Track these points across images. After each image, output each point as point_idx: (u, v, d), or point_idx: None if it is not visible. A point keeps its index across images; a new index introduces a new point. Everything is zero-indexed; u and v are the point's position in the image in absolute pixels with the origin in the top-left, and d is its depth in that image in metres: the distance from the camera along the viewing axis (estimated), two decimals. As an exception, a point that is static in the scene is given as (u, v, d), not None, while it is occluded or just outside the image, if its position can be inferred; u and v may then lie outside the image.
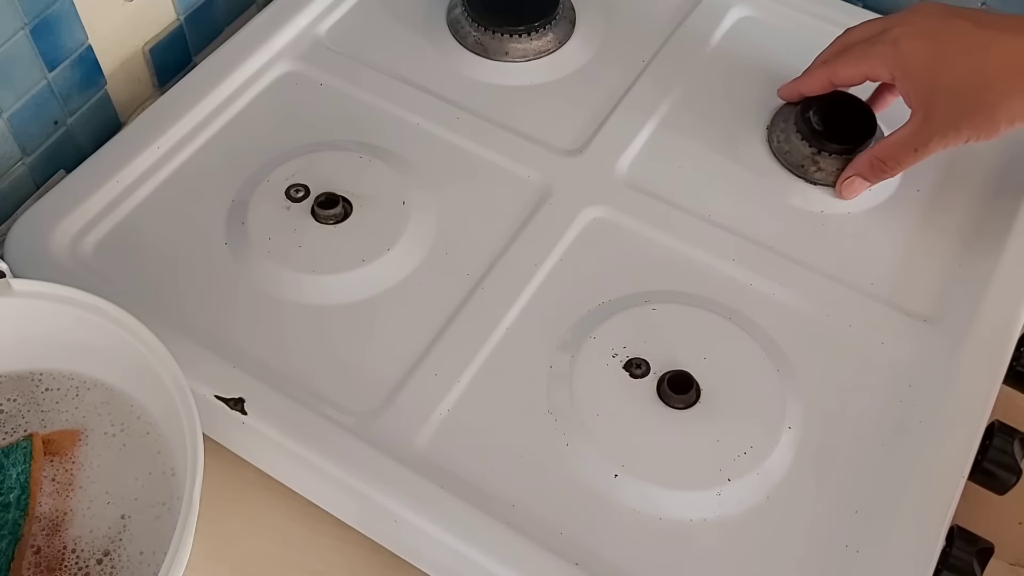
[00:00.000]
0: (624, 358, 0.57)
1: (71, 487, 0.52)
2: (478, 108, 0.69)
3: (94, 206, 0.62)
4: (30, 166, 0.66)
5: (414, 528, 0.51)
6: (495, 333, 0.58)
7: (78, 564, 0.49)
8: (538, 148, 0.67)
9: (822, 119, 0.66)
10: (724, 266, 0.62)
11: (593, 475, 0.53)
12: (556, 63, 0.72)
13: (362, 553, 0.55)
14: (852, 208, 0.65)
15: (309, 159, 0.65)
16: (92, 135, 0.70)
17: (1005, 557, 0.59)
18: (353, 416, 0.55)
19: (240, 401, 0.54)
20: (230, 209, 0.63)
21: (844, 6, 0.76)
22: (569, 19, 0.74)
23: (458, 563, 0.51)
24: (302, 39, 0.72)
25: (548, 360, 0.57)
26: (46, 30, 0.63)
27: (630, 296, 0.60)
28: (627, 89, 0.70)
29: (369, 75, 0.71)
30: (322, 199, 0.62)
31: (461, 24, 0.73)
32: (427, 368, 0.57)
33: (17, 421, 0.54)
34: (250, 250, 0.61)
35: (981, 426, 0.55)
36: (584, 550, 0.51)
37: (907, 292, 0.61)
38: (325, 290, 0.60)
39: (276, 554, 0.56)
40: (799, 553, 0.52)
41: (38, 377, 0.55)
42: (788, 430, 0.55)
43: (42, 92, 0.65)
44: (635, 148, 0.67)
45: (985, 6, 0.73)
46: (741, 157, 0.68)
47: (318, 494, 0.56)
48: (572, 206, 0.64)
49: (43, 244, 0.60)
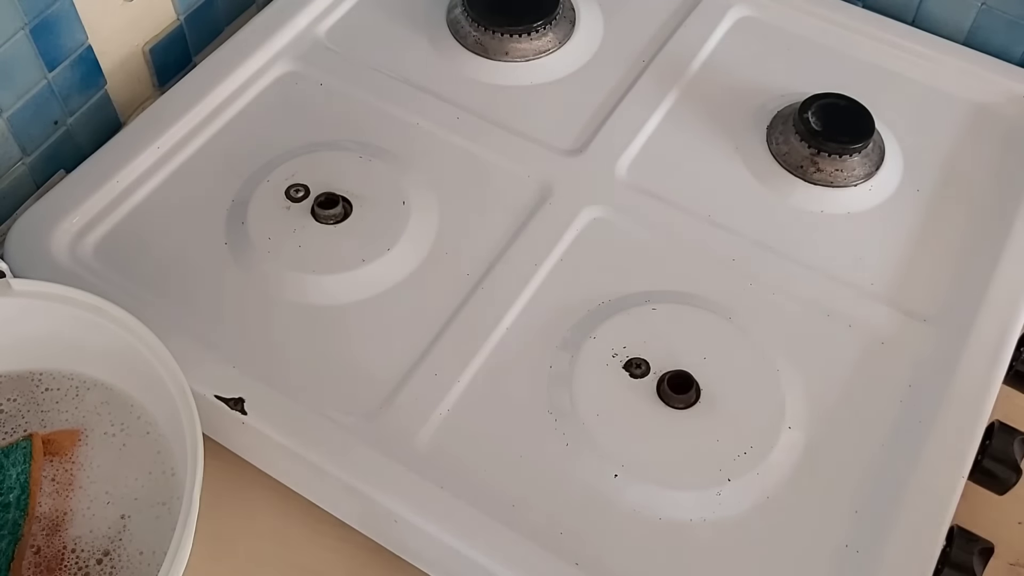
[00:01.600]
0: (624, 358, 0.57)
1: (71, 487, 0.52)
2: (478, 108, 0.69)
3: (94, 206, 0.62)
4: (30, 166, 0.66)
5: (414, 528, 0.51)
6: (495, 333, 0.58)
7: (78, 564, 0.49)
8: (538, 148, 0.67)
9: (821, 120, 0.66)
10: (724, 266, 0.62)
11: (593, 475, 0.53)
12: (556, 63, 0.72)
13: (362, 553, 0.55)
14: (852, 208, 0.65)
15: (309, 159, 0.65)
16: (92, 135, 0.70)
17: (1005, 557, 0.58)
18: (353, 416, 0.55)
19: (240, 401, 0.54)
20: (230, 209, 0.63)
21: (844, 6, 0.76)
22: (569, 19, 0.74)
23: (458, 563, 0.51)
24: (302, 39, 0.72)
25: (548, 360, 0.57)
26: (46, 30, 0.63)
27: (630, 296, 0.60)
28: (627, 89, 0.70)
29: (369, 75, 0.71)
30: (322, 199, 0.62)
31: (461, 24, 0.73)
32: (427, 368, 0.57)
33: (17, 421, 0.54)
34: (250, 250, 0.61)
35: (981, 426, 0.55)
36: (584, 550, 0.51)
37: (907, 292, 0.61)
38: (325, 290, 0.60)
39: (276, 554, 0.56)
40: (799, 553, 0.52)
41: (38, 377, 0.55)
42: (788, 430, 0.55)
43: (42, 92, 0.65)
44: (635, 148, 0.67)
45: (985, 6, 0.73)
46: (741, 157, 0.68)
47: (318, 494, 0.56)
48: (572, 206, 0.64)
49: (43, 244, 0.60)
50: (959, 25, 0.75)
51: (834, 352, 0.59)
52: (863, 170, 0.66)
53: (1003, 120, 0.70)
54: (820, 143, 0.65)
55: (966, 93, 0.72)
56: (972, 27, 0.74)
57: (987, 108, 0.71)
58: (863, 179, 0.66)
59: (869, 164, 0.66)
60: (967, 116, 0.71)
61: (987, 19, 0.74)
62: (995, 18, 0.73)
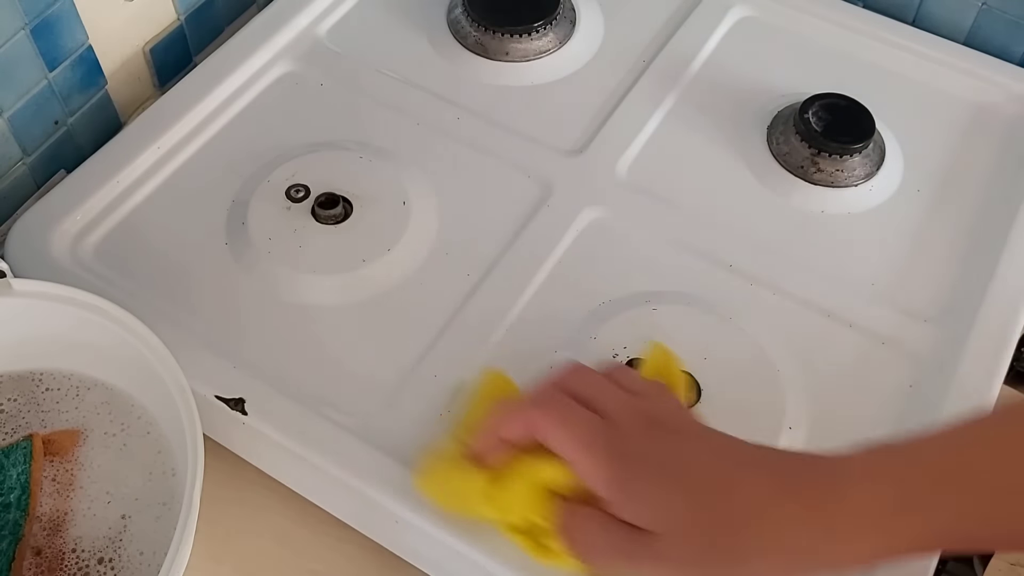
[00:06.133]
0: (625, 359, 0.57)
1: (71, 487, 0.52)
2: (478, 108, 0.69)
3: (94, 206, 0.62)
4: (30, 166, 0.66)
5: (414, 528, 0.51)
6: (496, 334, 0.58)
7: (78, 564, 0.49)
8: (538, 148, 0.67)
9: (821, 120, 0.66)
10: (724, 266, 0.62)
11: (593, 475, 0.53)
12: (557, 63, 0.72)
13: (362, 553, 0.55)
14: (852, 209, 0.65)
15: (309, 159, 0.65)
16: (92, 135, 0.70)
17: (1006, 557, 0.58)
18: (354, 416, 0.55)
19: (241, 401, 0.54)
20: (230, 209, 0.63)
21: (844, 6, 0.76)
22: (570, 19, 0.74)
23: (459, 564, 0.51)
24: (303, 39, 0.72)
25: (549, 360, 0.57)
26: (46, 30, 0.63)
27: (631, 297, 0.60)
28: (627, 89, 0.70)
29: (369, 75, 0.71)
30: (322, 199, 0.62)
31: (461, 24, 0.73)
32: (428, 369, 0.56)
33: (17, 421, 0.54)
34: (250, 250, 0.61)
35: (981, 426, 0.55)
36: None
37: (907, 292, 0.61)
38: (326, 290, 0.60)
39: (276, 554, 0.56)
40: (799, 553, 0.52)
41: (38, 377, 0.55)
42: (789, 430, 0.55)
43: (42, 92, 0.65)
44: (635, 149, 0.67)
45: (985, 6, 0.73)
46: (741, 158, 0.68)
47: (319, 494, 0.56)
48: (572, 206, 0.64)
49: (43, 244, 0.60)
50: (959, 25, 0.75)
51: (835, 352, 0.58)
52: (864, 170, 0.66)
53: (1003, 120, 0.70)
54: (821, 143, 0.65)
55: (966, 93, 0.72)
56: (972, 27, 0.75)
57: (987, 108, 0.71)
58: (864, 179, 0.66)
59: (870, 164, 0.67)
60: (967, 116, 0.71)
61: (987, 19, 0.74)
62: (995, 18, 0.73)
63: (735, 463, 0.44)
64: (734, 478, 0.43)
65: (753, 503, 0.43)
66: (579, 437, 0.45)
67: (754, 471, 0.44)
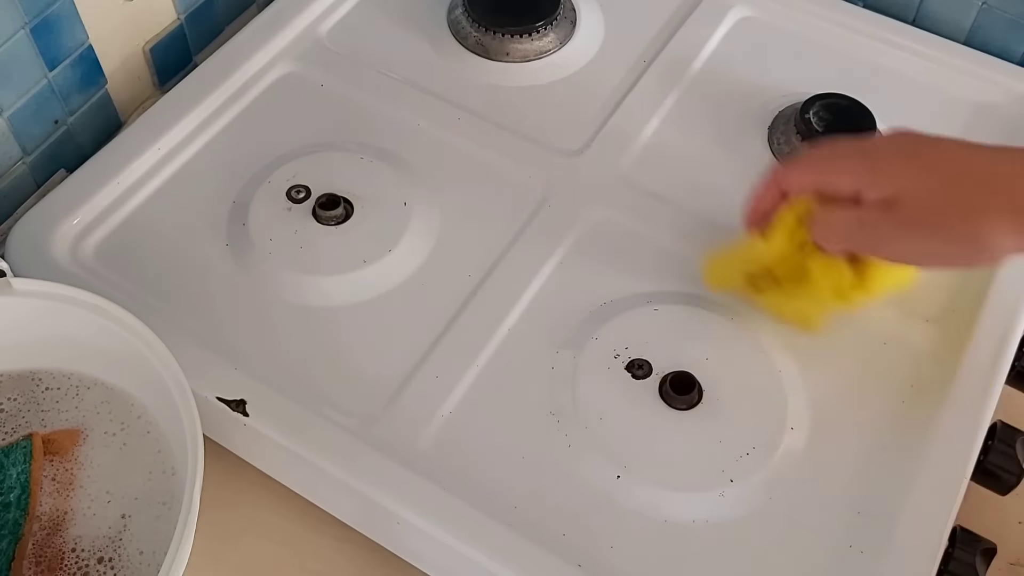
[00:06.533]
0: (626, 359, 0.57)
1: (71, 486, 0.51)
2: (479, 109, 0.69)
3: (95, 207, 0.62)
4: (31, 165, 0.66)
5: (416, 530, 0.51)
6: (497, 334, 0.58)
7: (78, 563, 0.49)
8: (539, 149, 0.67)
9: (822, 120, 0.66)
10: (726, 267, 0.62)
11: (595, 476, 0.53)
12: (557, 64, 0.72)
13: (362, 553, 0.55)
14: (853, 209, 0.65)
15: (310, 160, 0.65)
16: (92, 134, 0.70)
17: (1007, 557, 0.58)
18: (355, 418, 0.54)
19: (242, 403, 0.54)
20: (231, 210, 0.63)
21: (844, 6, 0.76)
22: (570, 20, 0.74)
23: (460, 565, 0.51)
24: (303, 40, 0.72)
25: (550, 361, 0.57)
26: (46, 29, 0.63)
27: (632, 297, 0.60)
28: (628, 90, 0.70)
29: (370, 76, 0.71)
30: (323, 200, 0.62)
31: (462, 25, 0.73)
32: (429, 369, 0.56)
33: (17, 421, 0.54)
34: (251, 251, 0.61)
35: (983, 426, 0.55)
36: (587, 551, 0.51)
37: (908, 293, 0.61)
38: (326, 291, 0.60)
39: (276, 554, 0.56)
40: (802, 554, 0.52)
41: (38, 377, 0.55)
42: (790, 431, 0.55)
43: (42, 91, 0.65)
44: (636, 149, 0.67)
45: (985, 6, 0.73)
46: (742, 158, 0.68)
47: (319, 495, 0.55)
48: (573, 207, 0.64)
49: (44, 245, 0.60)
50: (959, 25, 0.75)
51: (836, 352, 0.58)
52: (864, 171, 0.66)
53: (1003, 120, 0.70)
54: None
55: (966, 93, 0.72)
56: (972, 27, 0.75)
57: (987, 108, 0.71)
58: (864, 180, 0.66)
59: (870, 165, 0.66)
60: (967, 116, 0.71)
61: (987, 19, 0.74)
62: (995, 18, 0.73)
63: (970, 145, 0.51)
64: (972, 153, 0.51)
65: (988, 168, 0.49)
66: (827, 148, 0.54)
67: (990, 148, 0.50)
